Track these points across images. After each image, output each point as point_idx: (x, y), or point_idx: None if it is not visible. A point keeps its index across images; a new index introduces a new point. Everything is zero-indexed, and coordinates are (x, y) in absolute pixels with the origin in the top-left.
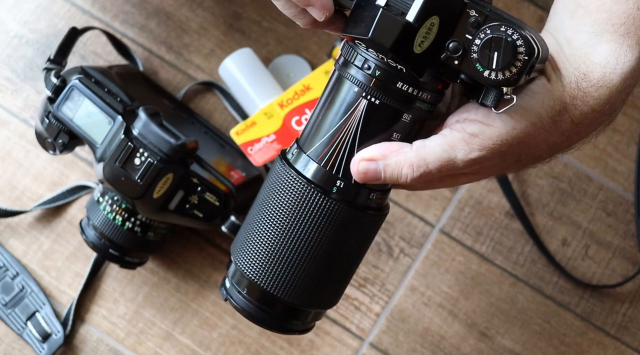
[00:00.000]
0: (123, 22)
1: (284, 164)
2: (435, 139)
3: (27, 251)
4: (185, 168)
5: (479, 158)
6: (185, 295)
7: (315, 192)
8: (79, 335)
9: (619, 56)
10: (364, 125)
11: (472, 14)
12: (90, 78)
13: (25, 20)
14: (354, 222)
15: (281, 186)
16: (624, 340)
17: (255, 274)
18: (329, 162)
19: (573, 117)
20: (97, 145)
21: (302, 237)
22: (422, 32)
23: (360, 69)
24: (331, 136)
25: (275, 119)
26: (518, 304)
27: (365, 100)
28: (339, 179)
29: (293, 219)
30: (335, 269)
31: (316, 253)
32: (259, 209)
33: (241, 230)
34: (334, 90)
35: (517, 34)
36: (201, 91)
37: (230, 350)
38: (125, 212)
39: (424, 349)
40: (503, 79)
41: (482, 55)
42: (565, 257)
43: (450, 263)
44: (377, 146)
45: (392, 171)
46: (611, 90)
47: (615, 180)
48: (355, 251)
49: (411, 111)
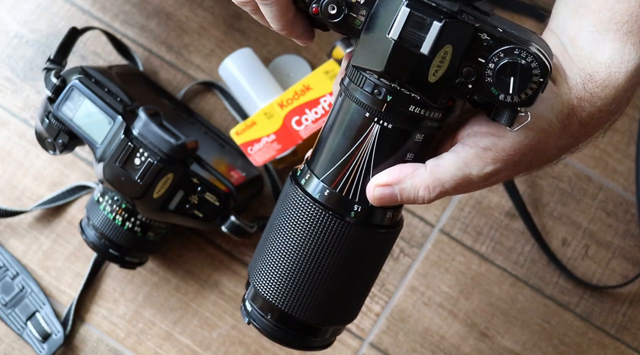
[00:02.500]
0: (123, 22)
1: (297, 188)
2: (448, 157)
3: (27, 251)
4: (185, 168)
5: (494, 171)
6: (185, 295)
7: (333, 219)
8: (79, 335)
9: (623, 55)
10: (378, 149)
11: (484, 37)
12: (90, 78)
13: (25, 20)
14: (371, 242)
15: (297, 212)
16: (624, 340)
17: (275, 297)
18: (344, 187)
19: (581, 118)
20: (97, 145)
21: (320, 260)
22: (437, 62)
23: (371, 94)
24: (345, 162)
25: (275, 119)
26: (518, 304)
27: (377, 125)
28: (355, 204)
29: (311, 244)
30: (354, 287)
31: (334, 274)
32: (276, 233)
33: (258, 253)
34: (344, 114)
35: (531, 56)
36: (201, 91)
37: (230, 350)
38: (125, 212)
39: (424, 349)
40: (519, 101)
41: (498, 80)
42: (565, 257)
43: (450, 263)
44: (391, 170)
45: (409, 194)
46: (617, 89)
47: (615, 180)
48: (372, 268)
49: (423, 131)
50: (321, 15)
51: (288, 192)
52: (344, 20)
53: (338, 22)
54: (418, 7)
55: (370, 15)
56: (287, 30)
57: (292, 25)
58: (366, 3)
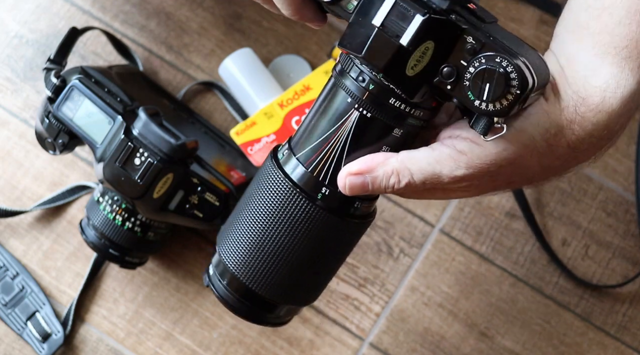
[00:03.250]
0: (123, 22)
1: (273, 163)
2: (423, 151)
3: (27, 251)
4: (185, 168)
5: (466, 176)
6: (185, 295)
7: (300, 197)
8: (79, 335)
9: (619, 80)
10: (354, 137)
11: (469, 40)
12: (90, 78)
13: (25, 20)
14: (336, 229)
15: (268, 186)
16: (624, 340)
17: (236, 267)
18: (316, 168)
19: (569, 141)
20: (97, 145)
21: (283, 238)
22: (416, 56)
23: (355, 80)
24: (321, 143)
25: (275, 119)
26: (518, 304)
27: (357, 112)
28: (324, 186)
29: (276, 220)
30: (314, 270)
31: (296, 254)
32: (246, 203)
33: (229, 221)
34: (329, 97)
35: (512, 67)
36: (201, 91)
37: (230, 350)
38: (125, 212)
39: (424, 349)
40: (493, 110)
41: (474, 85)
42: (565, 257)
43: (450, 263)
44: (363, 159)
45: (380, 183)
46: (610, 115)
47: (615, 180)
48: (336, 255)
49: (403, 127)
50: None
51: (265, 164)
52: (338, 1)
53: (332, 1)
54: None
55: (362, 2)
56: (298, 15)
57: (301, 9)
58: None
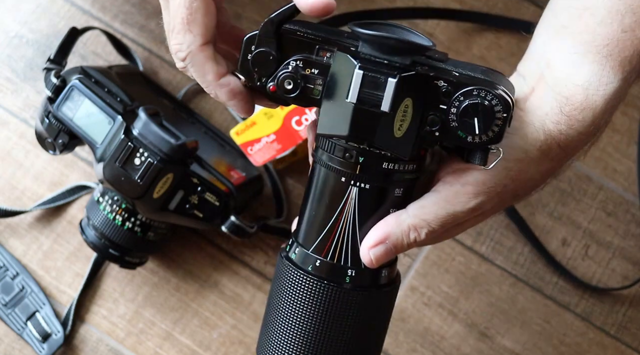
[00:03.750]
0: (123, 22)
1: (290, 264)
2: (430, 197)
3: (27, 251)
4: (185, 168)
5: (478, 205)
6: (185, 295)
7: (330, 287)
8: (79, 335)
9: (601, 78)
10: (360, 211)
11: (440, 84)
12: (90, 78)
13: (25, 20)
14: (372, 303)
15: (294, 289)
16: (624, 341)
17: None
18: (334, 255)
19: (560, 142)
20: (97, 145)
21: (326, 332)
22: (399, 117)
23: (343, 158)
24: (330, 229)
25: (275, 119)
26: (518, 304)
27: (355, 187)
28: (349, 268)
29: (314, 318)
30: (367, 350)
31: (343, 343)
32: (278, 313)
33: (264, 335)
34: (320, 183)
35: (491, 95)
36: (201, 91)
37: (230, 350)
38: (125, 212)
39: (424, 349)
40: (487, 140)
41: (463, 123)
42: (565, 257)
43: (450, 263)
44: (377, 229)
45: (402, 242)
46: (595, 111)
47: (615, 180)
48: (379, 327)
49: (401, 185)
50: (279, 92)
51: (281, 269)
52: (302, 93)
53: (297, 96)
54: (371, 67)
55: (327, 84)
56: (213, 93)
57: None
58: (320, 72)
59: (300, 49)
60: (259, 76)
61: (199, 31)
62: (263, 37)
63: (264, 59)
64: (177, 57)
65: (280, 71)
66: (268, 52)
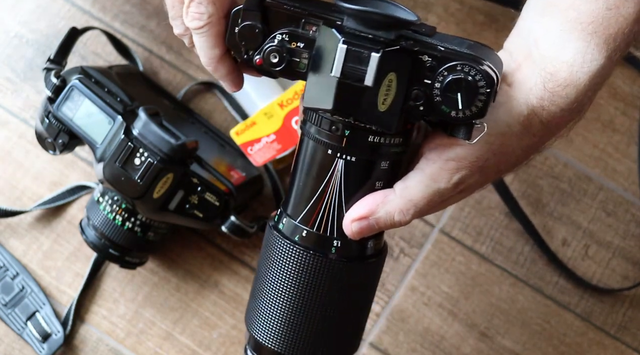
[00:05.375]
0: (123, 22)
1: (278, 236)
2: (414, 176)
3: (27, 251)
4: (185, 168)
5: (461, 179)
6: (185, 295)
7: (316, 257)
8: (79, 335)
9: (585, 54)
10: (346, 183)
11: (425, 59)
12: (90, 78)
13: (25, 20)
14: (358, 274)
15: (281, 258)
16: (624, 340)
17: (280, 346)
18: (321, 225)
19: (542, 118)
20: (97, 145)
21: (313, 302)
22: (383, 91)
23: (329, 131)
24: (317, 200)
25: (275, 119)
26: (518, 304)
27: (341, 160)
28: (334, 239)
29: (301, 287)
30: (350, 321)
31: (330, 313)
32: (265, 282)
33: (252, 303)
34: (307, 155)
35: (474, 70)
36: (201, 91)
37: (230, 350)
38: (125, 212)
39: (424, 349)
40: (471, 115)
41: (446, 98)
42: (565, 257)
43: (450, 263)
44: (363, 203)
45: (385, 222)
46: (578, 89)
47: (615, 180)
48: (365, 299)
49: (387, 158)
50: (265, 65)
51: (269, 239)
52: (287, 66)
53: (282, 69)
54: (355, 42)
55: (312, 57)
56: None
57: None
58: (306, 46)
59: (287, 22)
60: (246, 49)
61: (221, 3)
62: (248, 11)
63: (250, 32)
64: (193, 25)
65: (267, 45)
66: (254, 26)
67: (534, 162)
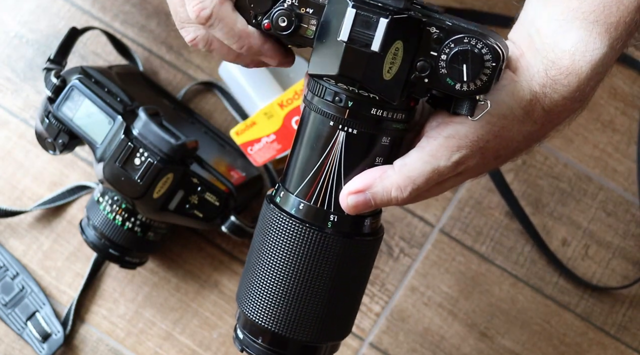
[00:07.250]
0: (123, 22)
1: (274, 208)
2: (414, 153)
3: (27, 251)
4: (185, 168)
5: (461, 158)
6: (185, 295)
7: (311, 231)
8: (79, 335)
9: (587, 43)
10: (346, 157)
11: (432, 30)
12: (90, 78)
13: (25, 20)
14: (353, 251)
15: (276, 231)
16: (624, 341)
17: (268, 322)
18: (318, 199)
19: (544, 105)
20: (97, 145)
21: (306, 277)
22: (389, 59)
23: (332, 102)
24: (316, 173)
25: (275, 119)
26: (518, 304)
27: (342, 132)
28: (331, 214)
29: (294, 261)
30: (343, 300)
31: (322, 289)
32: (259, 256)
33: (243, 277)
34: (309, 127)
35: (481, 43)
36: (201, 91)
37: (230, 350)
38: (125, 212)
39: (424, 349)
40: (475, 89)
41: (451, 69)
42: (565, 257)
43: (450, 263)
44: (360, 177)
45: (382, 197)
46: (580, 77)
47: (615, 180)
48: (359, 279)
49: (388, 133)
50: (273, 30)
51: (265, 212)
52: (295, 32)
53: (290, 34)
54: (364, 7)
55: (321, 24)
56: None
57: (248, 37)
58: (315, 12)
59: None
60: (255, 13)
61: None
62: None
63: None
64: (201, 17)
65: (276, 8)
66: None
67: (534, 162)
